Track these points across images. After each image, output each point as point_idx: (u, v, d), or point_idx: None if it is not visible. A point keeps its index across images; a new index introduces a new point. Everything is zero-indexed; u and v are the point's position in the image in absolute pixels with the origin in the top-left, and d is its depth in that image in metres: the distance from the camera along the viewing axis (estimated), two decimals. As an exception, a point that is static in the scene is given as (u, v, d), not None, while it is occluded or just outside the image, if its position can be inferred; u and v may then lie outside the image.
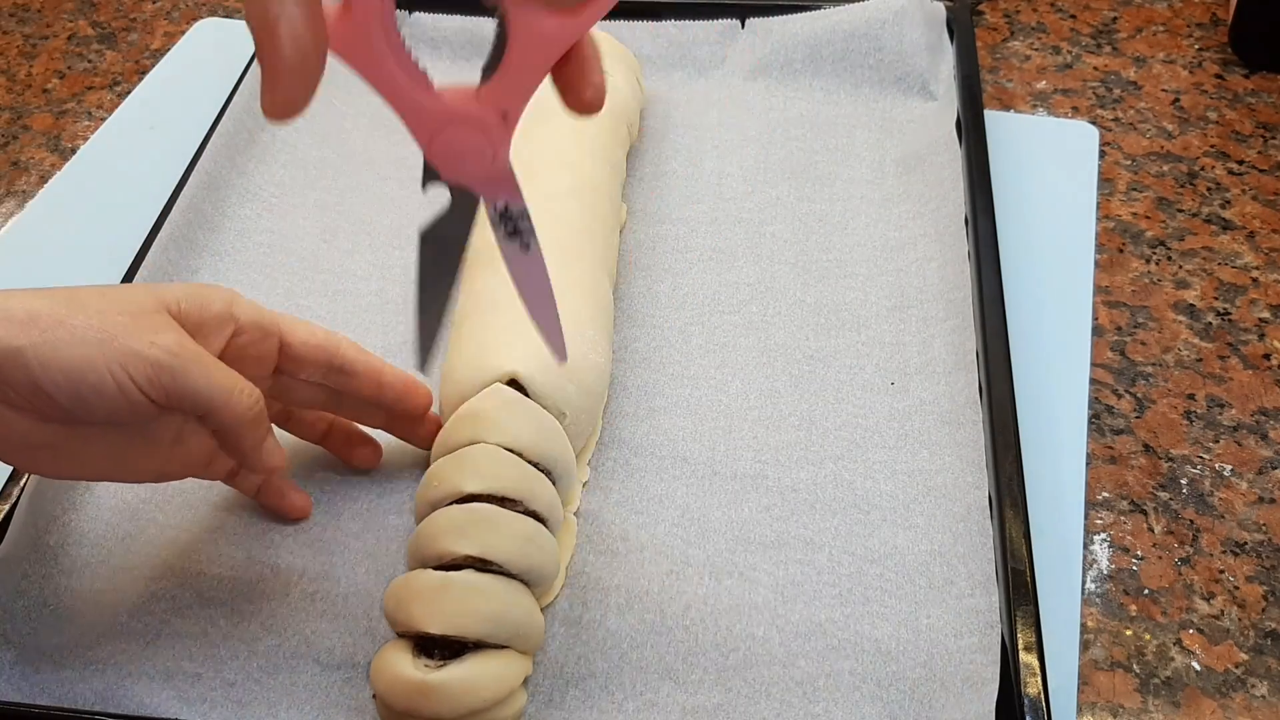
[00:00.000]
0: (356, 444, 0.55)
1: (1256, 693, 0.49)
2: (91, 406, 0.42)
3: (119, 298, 0.44)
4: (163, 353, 0.43)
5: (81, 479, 0.48)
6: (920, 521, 0.52)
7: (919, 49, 0.73)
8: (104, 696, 0.47)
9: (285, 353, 0.49)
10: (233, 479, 0.53)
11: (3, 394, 0.41)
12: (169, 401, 0.43)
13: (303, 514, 0.54)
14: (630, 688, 0.47)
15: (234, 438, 0.46)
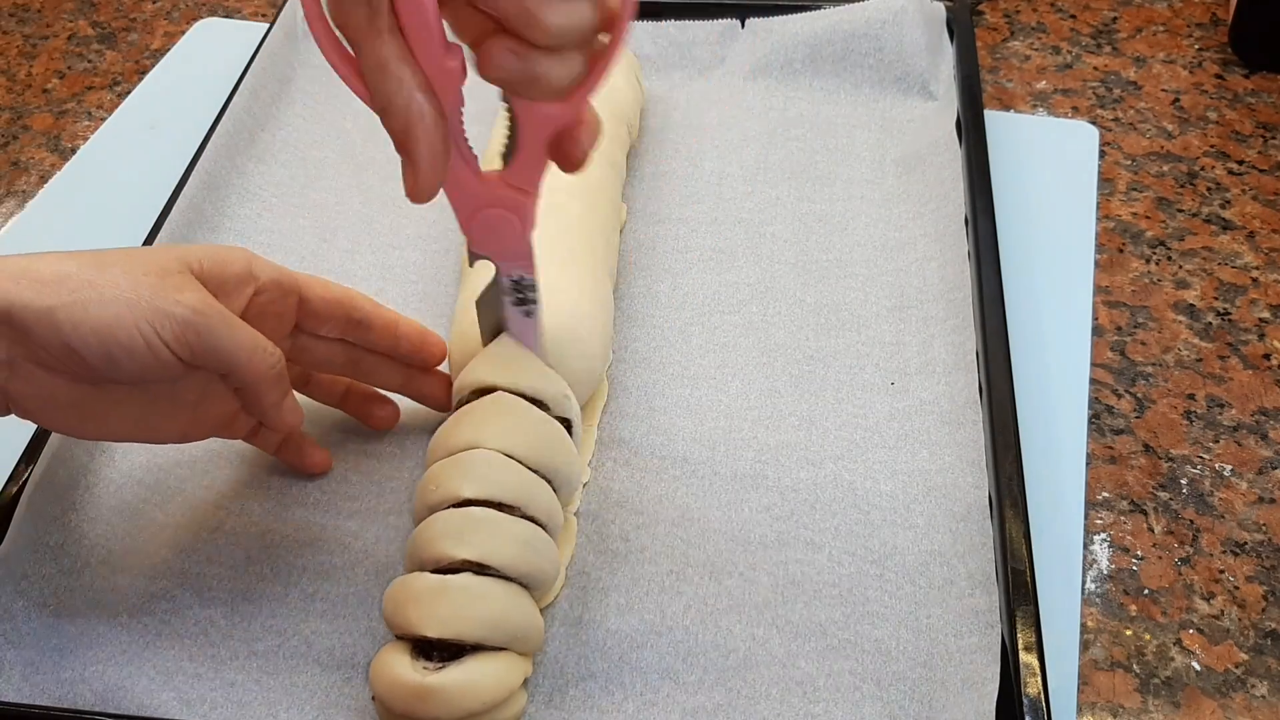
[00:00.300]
0: (375, 405, 0.56)
1: (1256, 693, 0.49)
2: (121, 365, 0.43)
3: (144, 259, 0.45)
4: (189, 311, 0.44)
5: (108, 439, 0.50)
6: (920, 521, 0.52)
7: (919, 49, 0.73)
8: (104, 697, 0.47)
9: (304, 309, 0.51)
10: (253, 438, 0.54)
11: (34, 354, 0.42)
12: (195, 359, 0.44)
13: (323, 469, 0.55)
14: (630, 688, 0.47)
15: (255, 395, 0.47)
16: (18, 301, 0.42)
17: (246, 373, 0.46)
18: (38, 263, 0.43)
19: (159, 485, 0.55)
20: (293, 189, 0.69)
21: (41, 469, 0.53)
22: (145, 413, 0.47)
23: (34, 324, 0.42)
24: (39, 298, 0.42)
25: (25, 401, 0.44)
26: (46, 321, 0.42)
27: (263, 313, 0.49)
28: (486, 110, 0.47)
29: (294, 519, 0.54)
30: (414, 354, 0.55)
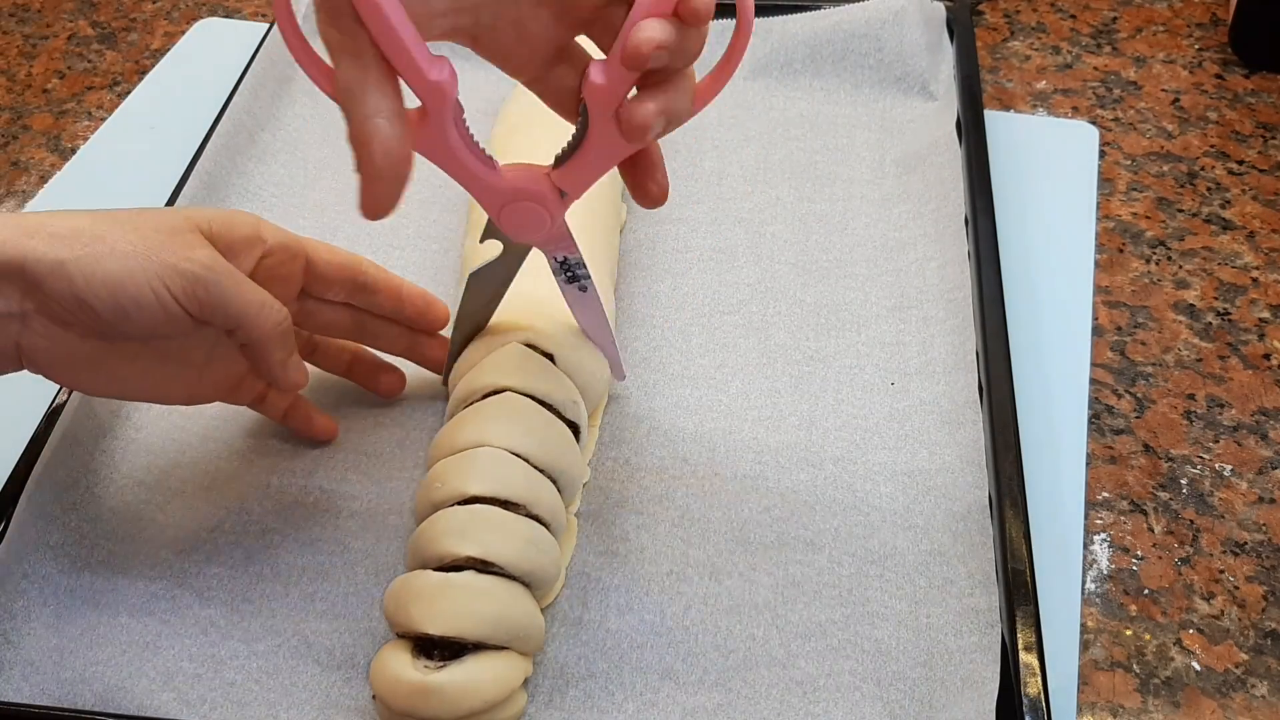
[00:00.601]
0: (382, 373, 0.58)
1: (1256, 693, 0.49)
2: (131, 318, 0.44)
3: (155, 218, 0.46)
4: (198, 267, 0.45)
5: (117, 397, 0.51)
6: (920, 521, 0.52)
7: (919, 49, 0.73)
8: (104, 697, 0.47)
9: (311, 272, 0.52)
10: (259, 404, 0.55)
11: (47, 307, 0.44)
12: (203, 314, 0.45)
13: (329, 435, 0.56)
14: (630, 688, 0.47)
15: (262, 352, 0.48)
16: (31, 255, 0.43)
17: (254, 329, 0.47)
18: (51, 219, 0.44)
19: (159, 485, 0.55)
20: (293, 189, 0.69)
21: (41, 469, 0.53)
22: (154, 371, 0.48)
23: (46, 276, 0.43)
24: (52, 251, 0.43)
25: (38, 356, 0.45)
26: (59, 274, 0.43)
27: (270, 275, 0.50)
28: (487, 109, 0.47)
29: (294, 518, 0.54)
30: (418, 318, 0.56)
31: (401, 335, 0.57)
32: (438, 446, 0.50)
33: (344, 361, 0.57)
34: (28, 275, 0.43)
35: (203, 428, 0.57)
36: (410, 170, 0.41)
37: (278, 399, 0.55)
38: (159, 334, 0.46)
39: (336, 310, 0.55)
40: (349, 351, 0.57)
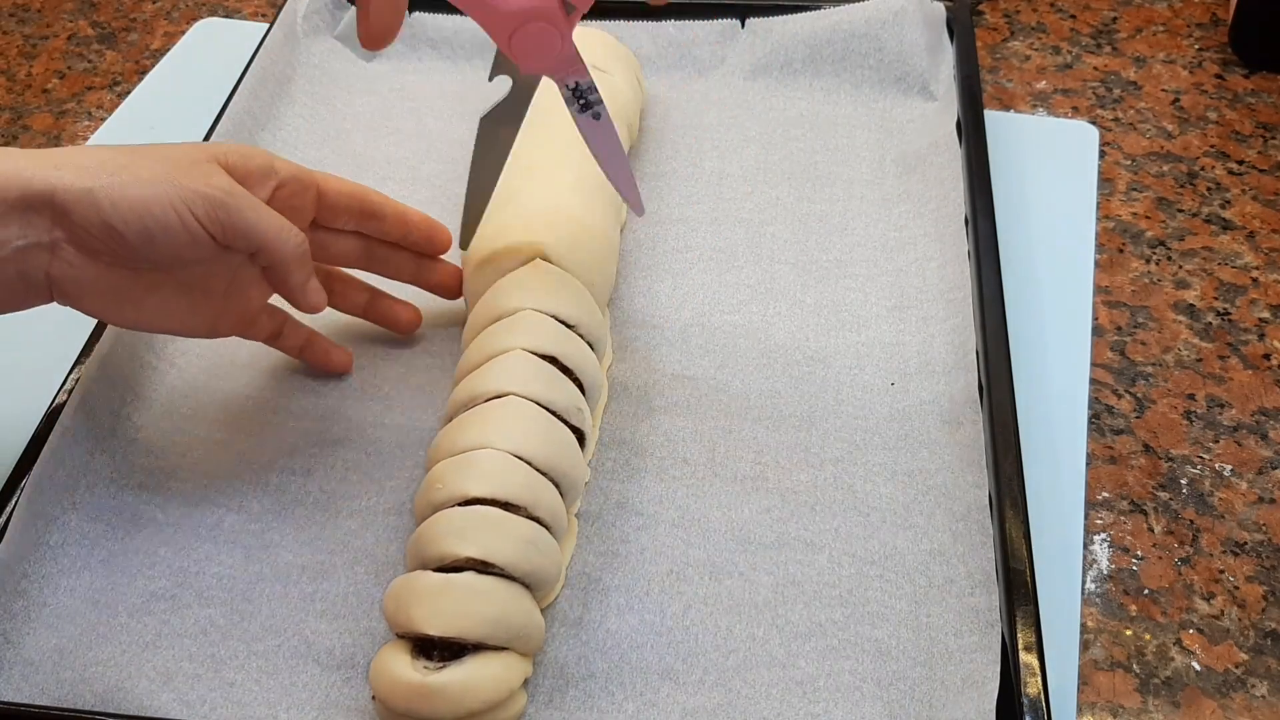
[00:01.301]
0: (399, 309, 0.60)
1: (1256, 693, 0.49)
2: (157, 243, 0.46)
3: (175, 151, 0.48)
4: (220, 192, 0.47)
5: (142, 328, 0.53)
6: (920, 521, 0.52)
7: (919, 49, 0.73)
8: (104, 698, 0.47)
9: (322, 202, 0.54)
10: (275, 340, 0.57)
11: (76, 236, 0.45)
12: (226, 238, 0.48)
13: (345, 368, 0.59)
14: (630, 688, 0.47)
15: (283, 274, 0.50)
16: (59, 184, 0.44)
17: (274, 251, 0.49)
18: (75, 153, 0.46)
19: (159, 485, 0.55)
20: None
21: (41, 468, 0.53)
22: (178, 302, 0.50)
23: (75, 204, 0.45)
24: (79, 180, 0.45)
25: (67, 286, 0.47)
26: (87, 201, 0.45)
27: (284, 206, 0.52)
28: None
29: (294, 518, 0.54)
30: (424, 242, 0.58)
31: (408, 261, 0.59)
32: (438, 448, 0.50)
33: (361, 302, 0.59)
34: (57, 204, 0.45)
35: (203, 428, 0.57)
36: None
37: (293, 334, 0.57)
38: (183, 259, 0.48)
39: (347, 239, 0.57)
40: (366, 291, 0.59)
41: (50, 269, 0.46)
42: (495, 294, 0.55)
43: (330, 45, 0.77)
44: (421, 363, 0.60)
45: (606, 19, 0.75)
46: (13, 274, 0.46)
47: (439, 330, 0.61)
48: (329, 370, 0.59)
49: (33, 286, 0.46)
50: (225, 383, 0.59)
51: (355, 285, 0.59)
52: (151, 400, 0.58)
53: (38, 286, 0.47)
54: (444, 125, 0.73)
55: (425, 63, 0.78)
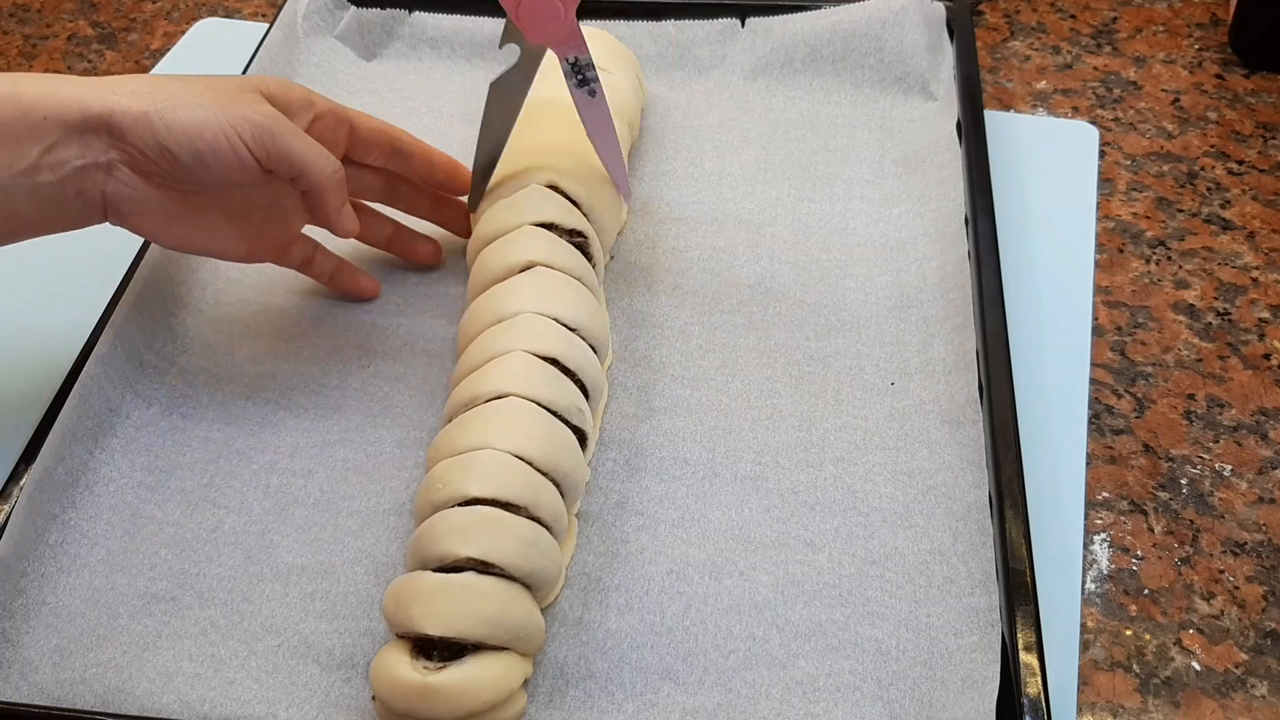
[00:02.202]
0: (420, 243, 0.64)
1: (1256, 693, 0.49)
2: (207, 163, 0.50)
3: (221, 81, 0.52)
4: (265, 118, 0.51)
5: (186, 249, 0.56)
6: (920, 521, 0.52)
7: (919, 49, 0.73)
8: (104, 698, 0.47)
9: (354, 137, 0.57)
10: (308, 267, 0.61)
11: (132, 158, 0.49)
12: (269, 161, 0.51)
13: (373, 293, 0.63)
14: (630, 688, 0.47)
15: (320, 198, 0.54)
16: (116, 107, 0.48)
17: (314, 176, 0.52)
18: (129, 81, 0.50)
19: (159, 485, 0.55)
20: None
21: (41, 467, 0.53)
22: (222, 225, 0.54)
23: (130, 126, 0.48)
24: (135, 104, 0.49)
25: (121, 204, 0.50)
26: (142, 124, 0.48)
27: (320, 138, 0.54)
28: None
29: (294, 519, 0.54)
30: (448, 181, 0.62)
31: (427, 199, 0.63)
32: (438, 448, 0.50)
33: (386, 234, 0.63)
34: (113, 127, 0.48)
35: (202, 428, 0.57)
36: None
37: (324, 262, 0.61)
38: (230, 181, 0.51)
39: (372, 175, 0.61)
40: (391, 225, 0.63)
41: (106, 188, 0.50)
42: (495, 297, 0.55)
43: (330, 45, 0.77)
44: (421, 363, 0.60)
45: (607, 19, 0.75)
46: (71, 193, 0.49)
47: (439, 330, 0.61)
48: (357, 295, 0.62)
49: (89, 205, 0.50)
50: (224, 382, 0.59)
51: (380, 219, 0.63)
52: (151, 399, 0.58)
53: (93, 205, 0.50)
54: (444, 125, 0.73)
55: (425, 63, 0.78)
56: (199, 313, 0.62)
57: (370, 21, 0.78)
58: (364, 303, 0.63)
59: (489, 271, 0.56)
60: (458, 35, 0.78)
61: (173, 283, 0.62)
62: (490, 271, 0.56)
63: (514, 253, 0.56)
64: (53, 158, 0.48)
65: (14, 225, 0.50)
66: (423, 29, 0.78)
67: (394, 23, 0.78)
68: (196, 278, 0.64)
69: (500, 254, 0.56)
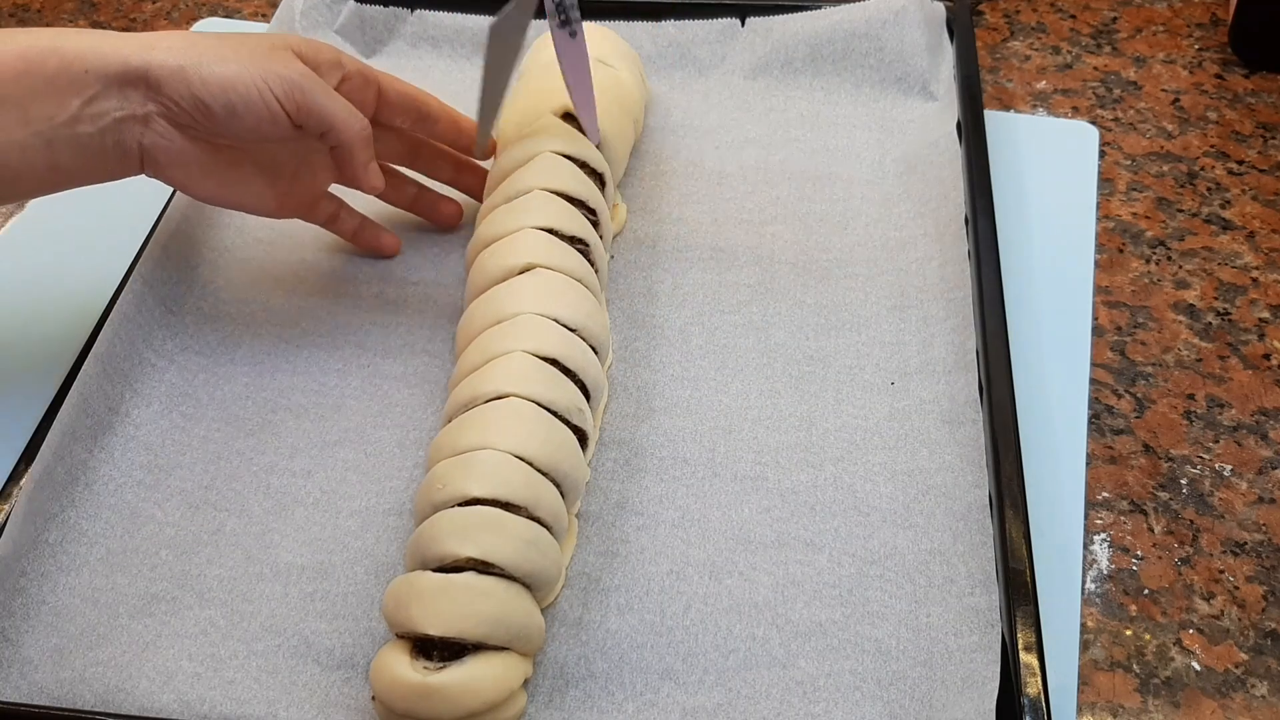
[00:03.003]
0: (442, 203, 0.66)
1: (1256, 693, 0.49)
2: (240, 116, 0.52)
3: (254, 39, 0.54)
4: (297, 74, 0.52)
5: (218, 202, 0.58)
6: (920, 521, 0.52)
7: (919, 49, 0.73)
8: (104, 698, 0.47)
9: (382, 100, 0.59)
10: (332, 223, 0.63)
11: (168, 110, 0.51)
12: (300, 116, 0.53)
13: (394, 250, 0.65)
14: (630, 688, 0.47)
15: (349, 154, 0.55)
16: (154, 61, 0.50)
17: (342, 132, 0.54)
18: (165, 37, 0.52)
19: (158, 484, 0.55)
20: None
21: (41, 467, 0.53)
22: (252, 178, 0.57)
23: (168, 79, 0.50)
24: (171, 58, 0.51)
25: (157, 155, 0.52)
26: (179, 77, 0.50)
27: (348, 98, 0.56)
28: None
29: (294, 519, 0.54)
30: (472, 145, 0.63)
31: (449, 165, 0.65)
32: (438, 448, 0.50)
33: (409, 195, 0.65)
34: (151, 80, 0.50)
35: (202, 427, 0.57)
36: None
37: (349, 219, 0.63)
38: (261, 135, 0.53)
39: (397, 138, 0.62)
40: (414, 186, 0.65)
41: (143, 139, 0.52)
42: (495, 298, 0.55)
43: (330, 40, 0.77)
44: (421, 363, 0.60)
45: (607, 19, 0.75)
46: (110, 143, 0.51)
47: (439, 330, 0.61)
48: (379, 252, 0.64)
49: (127, 156, 0.52)
50: (224, 381, 0.59)
51: (404, 180, 0.65)
52: (151, 398, 0.58)
53: (130, 156, 0.52)
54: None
55: (425, 61, 0.78)
56: (198, 311, 0.62)
57: (372, 18, 0.78)
58: (364, 301, 0.63)
59: (488, 273, 0.56)
60: (458, 35, 0.78)
61: (172, 281, 0.62)
62: (489, 273, 0.56)
63: (513, 255, 0.56)
64: (93, 109, 0.50)
65: (55, 175, 0.52)
66: (423, 28, 0.78)
67: (395, 20, 0.78)
68: (196, 275, 0.64)
69: (499, 256, 0.56)
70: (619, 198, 0.67)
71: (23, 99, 0.49)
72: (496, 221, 0.58)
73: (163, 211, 0.64)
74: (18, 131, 0.49)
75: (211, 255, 0.65)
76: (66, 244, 0.70)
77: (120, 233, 0.67)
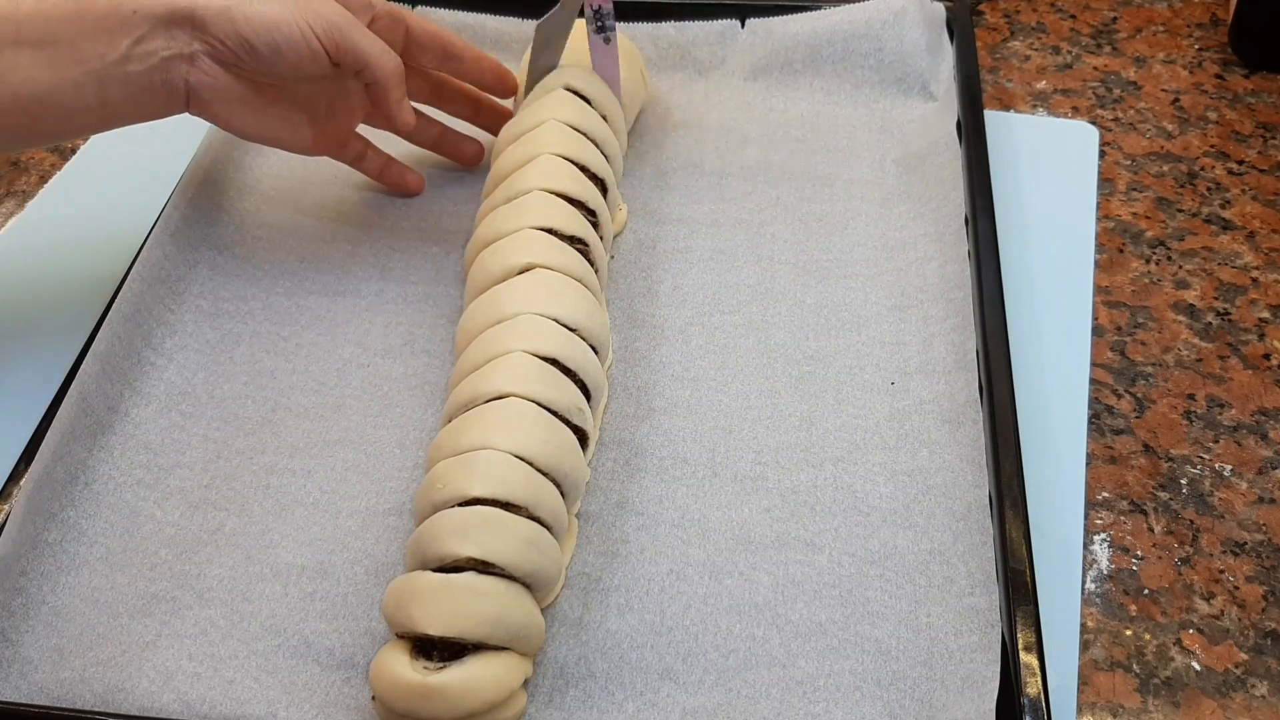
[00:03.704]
0: (465, 143, 0.70)
1: (1256, 693, 0.49)
2: (283, 54, 0.55)
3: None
4: (335, 14, 0.56)
5: (256, 138, 0.60)
6: (920, 521, 0.52)
7: (919, 49, 0.73)
8: (104, 698, 0.47)
9: (410, 38, 0.62)
10: (359, 162, 0.67)
11: (213, 49, 0.54)
12: (338, 54, 0.56)
13: (418, 189, 0.69)
14: (630, 688, 0.47)
15: (383, 91, 0.58)
16: (200, 2, 0.54)
17: (378, 70, 0.57)
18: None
19: (158, 484, 0.55)
20: (291, 182, 0.69)
21: (40, 466, 0.53)
22: (289, 115, 0.60)
23: (213, 19, 0.54)
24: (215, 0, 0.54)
25: (202, 93, 0.55)
26: (224, 17, 0.54)
27: (379, 36, 0.59)
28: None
29: (294, 519, 0.54)
30: (495, 83, 0.67)
31: (469, 104, 0.69)
32: (439, 448, 0.50)
33: (433, 135, 0.69)
34: (197, 20, 0.53)
35: (201, 426, 0.57)
36: None
37: (375, 158, 0.67)
38: (301, 72, 0.56)
39: (421, 77, 0.66)
40: (438, 126, 0.68)
41: (189, 77, 0.55)
42: (494, 298, 0.55)
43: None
44: (421, 363, 0.60)
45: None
46: (158, 81, 0.54)
47: (439, 330, 0.61)
48: (404, 190, 0.68)
49: (173, 94, 0.55)
50: (225, 380, 0.59)
51: (428, 120, 0.68)
52: (150, 397, 0.58)
53: (177, 94, 0.55)
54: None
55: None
56: (198, 309, 0.62)
57: None
58: (364, 300, 0.63)
59: (488, 273, 0.56)
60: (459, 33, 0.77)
61: (171, 278, 0.62)
62: (489, 273, 0.56)
63: (513, 255, 0.56)
64: (142, 49, 0.53)
65: (106, 113, 0.54)
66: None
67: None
68: (195, 273, 0.64)
69: (499, 256, 0.56)
70: (620, 199, 0.67)
71: (75, 39, 0.52)
72: (496, 221, 0.58)
73: (162, 211, 0.64)
74: (71, 70, 0.52)
75: (210, 254, 0.65)
76: (66, 244, 0.70)
77: (120, 232, 0.67)
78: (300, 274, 0.64)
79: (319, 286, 0.64)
